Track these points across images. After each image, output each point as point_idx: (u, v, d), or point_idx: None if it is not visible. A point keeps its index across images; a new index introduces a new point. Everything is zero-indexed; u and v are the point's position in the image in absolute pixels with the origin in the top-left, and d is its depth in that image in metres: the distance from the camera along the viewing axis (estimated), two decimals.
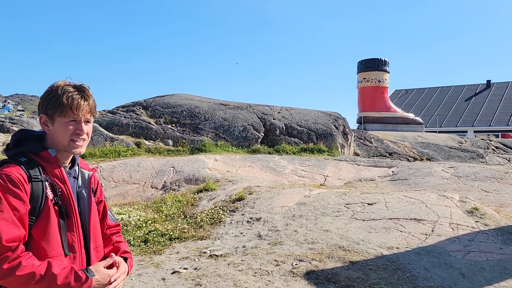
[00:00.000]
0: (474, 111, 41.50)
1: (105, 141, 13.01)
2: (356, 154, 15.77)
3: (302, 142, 14.47)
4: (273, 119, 15.12)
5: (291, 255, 5.11)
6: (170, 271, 4.78)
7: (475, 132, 37.01)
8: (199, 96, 17.82)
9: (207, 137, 13.93)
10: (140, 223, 6.63)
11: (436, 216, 6.43)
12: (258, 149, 13.60)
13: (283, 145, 13.93)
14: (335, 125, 15.41)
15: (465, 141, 19.29)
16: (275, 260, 4.99)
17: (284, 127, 14.85)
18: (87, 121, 1.79)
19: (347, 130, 15.97)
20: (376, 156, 15.82)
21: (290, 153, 13.34)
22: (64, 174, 1.75)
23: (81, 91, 1.76)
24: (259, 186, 8.47)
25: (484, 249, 5.37)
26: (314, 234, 5.83)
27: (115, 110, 15.60)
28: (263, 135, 14.46)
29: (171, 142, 13.64)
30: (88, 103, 1.76)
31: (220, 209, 7.18)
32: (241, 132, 14.26)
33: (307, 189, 8.27)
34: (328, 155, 13.60)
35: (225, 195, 7.98)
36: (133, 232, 6.26)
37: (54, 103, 1.72)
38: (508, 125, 37.86)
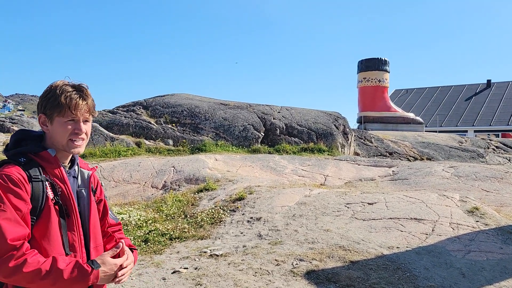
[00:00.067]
0: (474, 111, 41.48)
1: (106, 140, 13.01)
2: (356, 153, 15.76)
3: (302, 141, 14.47)
4: (273, 118, 15.12)
5: (292, 255, 5.11)
6: (170, 271, 4.78)
7: (475, 131, 37.00)
8: (199, 96, 17.82)
9: (207, 136, 13.93)
10: (140, 223, 6.63)
11: (436, 215, 6.43)
12: (258, 148, 13.60)
13: (284, 145, 13.93)
14: (335, 125, 15.41)
15: (466, 141, 19.29)
16: (276, 259, 4.99)
17: (284, 127, 14.85)
18: (85, 121, 1.79)
19: (347, 129, 15.97)
20: (376, 155, 15.82)
21: (290, 153, 13.34)
22: (64, 173, 1.75)
23: (80, 90, 1.76)
24: (259, 185, 8.47)
25: (484, 248, 5.37)
26: (314, 233, 5.83)
27: (115, 109, 15.61)
28: (263, 134, 14.46)
29: (171, 141, 13.64)
30: (86, 103, 1.76)
31: (220, 208, 7.18)
32: (241, 131, 14.26)
33: (307, 188, 8.27)
34: (328, 154, 13.59)
35: (226, 194, 7.98)
36: (134, 231, 6.26)
37: (52, 103, 1.72)
38: (508, 124, 37.83)
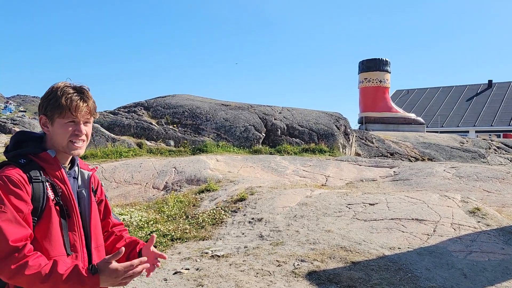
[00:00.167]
0: (475, 111, 41.46)
1: (107, 141, 13.02)
2: (357, 154, 15.76)
3: (303, 142, 14.46)
4: (275, 119, 15.12)
5: (293, 256, 5.11)
6: (172, 272, 4.78)
7: (476, 132, 36.97)
8: (200, 96, 17.82)
9: (208, 137, 13.94)
10: (142, 224, 6.64)
11: (437, 216, 6.42)
12: (259, 149, 13.60)
13: (285, 146, 13.93)
14: (336, 125, 15.41)
15: (467, 141, 19.27)
16: (277, 260, 4.99)
17: (285, 128, 14.85)
18: (86, 122, 1.79)
19: (349, 130, 15.97)
20: (377, 156, 15.81)
21: (291, 154, 13.34)
22: (64, 174, 1.75)
23: (81, 92, 1.76)
24: (260, 186, 8.47)
25: (486, 249, 5.36)
26: (315, 234, 5.83)
27: (116, 110, 15.62)
28: (264, 135, 14.46)
29: (172, 142, 13.65)
30: (87, 105, 1.76)
31: (221, 209, 7.18)
32: (242, 132, 14.27)
33: (308, 189, 8.27)
34: (329, 155, 13.59)
35: (227, 195, 7.98)
36: (135, 232, 6.26)
37: (53, 104, 1.72)
38: (509, 125, 37.80)
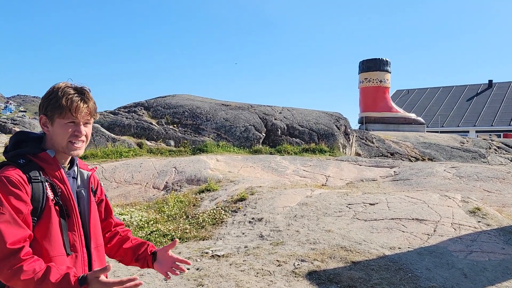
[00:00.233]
0: (476, 111, 41.44)
1: (107, 141, 13.02)
2: (357, 154, 15.76)
3: (303, 142, 14.46)
4: (275, 119, 15.12)
5: (293, 256, 5.11)
6: None
7: (477, 132, 36.96)
8: (200, 96, 17.83)
9: (208, 137, 13.94)
10: (142, 224, 6.64)
11: (438, 216, 6.42)
12: (259, 149, 13.60)
13: (285, 146, 13.93)
14: (336, 125, 15.41)
15: (467, 141, 19.26)
16: (277, 260, 4.99)
17: (285, 128, 14.85)
18: (86, 123, 1.79)
19: (349, 130, 15.96)
20: (377, 156, 15.80)
21: (291, 154, 13.34)
22: (63, 174, 1.75)
23: (81, 93, 1.76)
24: (260, 186, 8.47)
25: (486, 249, 5.36)
26: (316, 234, 5.83)
27: (116, 110, 15.62)
28: (264, 135, 14.46)
29: (172, 142, 13.65)
30: (87, 106, 1.76)
31: (222, 209, 7.18)
32: (242, 132, 14.26)
33: (308, 189, 8.27)
34: (329, 155, 13.59)
35: (227, 195, 7.98)
36: (135, 232, 6.26)
37: (53, 105, 1.72)
38: (510, 125, 37.78)
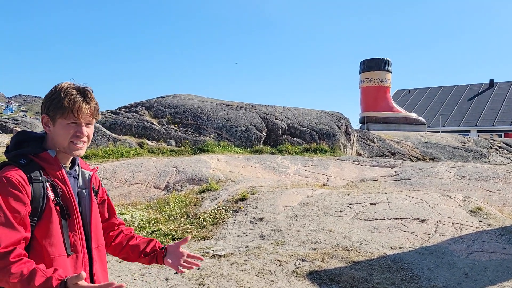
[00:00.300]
0: (477, 111, 41.37)
1: (108, 141, 13.03)
2: (358, 154, 15.75)
3: (304, 142, 14.46)
4: (276, 119, 15.12)
5: (294, 255, 5.11)
6: (173, 271, 4.78)
7: (478, 131, 36.89)
8: (201, 96, 17.84)
9: (209, 137, 13.94)
10: (143, 224, 6.64)
11: (439, 216, 6.41)
12: (260, 149, 13.60)
13: (286, 145, 13.93)
14: (337, 125, 15.40)
15: (468, 141, 19.24)
16: (278, 260, 4.99)
17: (286, 127, 14.85)
18: (88, 124, 1.78)
19: (350, 130, 15.95)
20: (378, 156, 15.79)
21: (292, 153, 13.33)
22: (64, 174, 1.74)
23: (84, 94, 1.76)
24: (261, 186, 8.47)
25: (487, 249, 5.35)
26: (317, 234, 5.83)
27: (117, 110, 15.63)
28: (265, 135, 14.46)
29: (173, 142, 13.65)
30: (90, 107, 1.76)
31: (223, 209, 7.18)
32: (243, 132, 14.26)
33: (309, 189, 8.26)
34: (330, 155, 13.58)
35: (228, 195, 7.98)
36: (136, 232, 6.26)
37: (56, 105, 1.72)
38: (511, 124, 37.72)
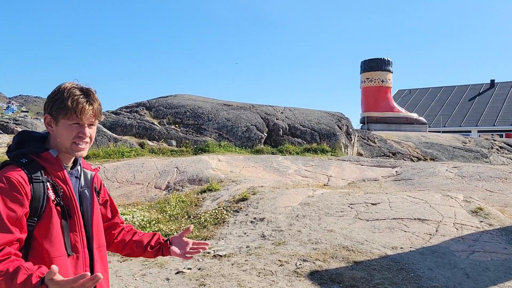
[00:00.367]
0: (478, 111, 41.34)
1: (109, 141, 13.04)
2: (359, 154, 15.74)
3: (305, 142, 14.45)
4: (276, 119, 15.12)
5: (295, 255, 5.11)
6: (174, 271, 4.78)
7: (479, 132, 36.87)
8: (202, 96, 17.83)
9: (210, 137, 13.94)
10: (144, 224, 6.64)
11: (440, 216, 6.41)
12: (261, 149, 13.60)
13: (287, 145, 13.93)
14: (338, 125, 15.39)
15: (469, 141, 19.22)
16: (279, 260, 4.99)
17: (287, 127, 14.84)
18: (90, 125, 1.78)
19: (351, 130, 15.95)
20: (379, 156, 15.79)
21: (293, 153, 13.33)
22: (65, 174, 1.74)
23: (87, 95, 1.75)
24: (262, 186, 8.47)
25: (488, 249, 5.35)
26: (318, 234, 5.83)
27: (118, 110, 15.64)
28: (266, 135, 14.46)
29: (174, 142, 13.66)
30: (92, 108, 1.75)
31: (223, 209, 7.18)
32: (244, 132, 14.26)
33: (310, 189, 8.26)
34: (331, 155, 13.58)
35: (229, 195, 7.98)
36: None
37: (59, 105, 1.71)
38: None
